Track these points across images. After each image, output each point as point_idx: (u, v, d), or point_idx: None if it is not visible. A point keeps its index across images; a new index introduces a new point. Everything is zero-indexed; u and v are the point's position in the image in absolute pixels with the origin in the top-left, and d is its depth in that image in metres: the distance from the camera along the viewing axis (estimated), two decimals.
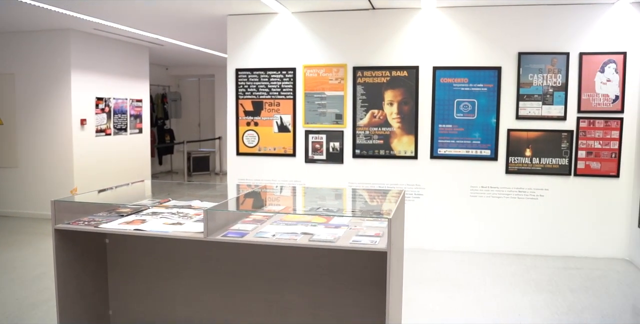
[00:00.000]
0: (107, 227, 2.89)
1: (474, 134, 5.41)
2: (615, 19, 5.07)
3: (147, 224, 2.95)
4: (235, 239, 2.67)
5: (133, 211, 3.28)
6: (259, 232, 2.78)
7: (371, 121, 5.58)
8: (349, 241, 2.60)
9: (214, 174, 11.47)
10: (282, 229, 2.84)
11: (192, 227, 2.88)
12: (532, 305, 4.03)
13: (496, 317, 3.80)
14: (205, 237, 2.67)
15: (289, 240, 2.62)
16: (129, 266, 3.30)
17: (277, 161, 5.83)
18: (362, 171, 5.66)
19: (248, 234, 2.74)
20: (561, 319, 3.76)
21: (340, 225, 2.93)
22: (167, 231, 2.81)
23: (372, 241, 2.59)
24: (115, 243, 3.29)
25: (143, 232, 2.81)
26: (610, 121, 5.16)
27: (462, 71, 5.37)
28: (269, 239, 2.65)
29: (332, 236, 2.68)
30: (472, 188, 5.48)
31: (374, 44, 5.51)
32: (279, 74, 5.70)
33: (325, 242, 2.59)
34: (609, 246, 5.27)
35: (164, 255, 3.23)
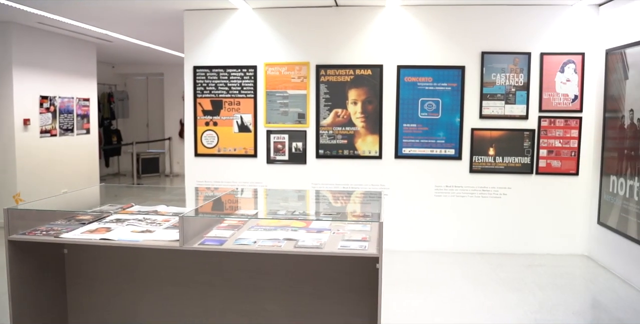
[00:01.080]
0: (70, 237, 2.64)
1: (439, 134, 5.39)
2: (574, 21, 5.16)
3: (114, 232, 2.71)
4: (214, 247, 2.49)
5: (94, 218, 3.03)
6: (238, 239, 2.60)
7: (335, 121, 5.47)
8: (336, 246, 2.47)
9: (164, 176, 11.07)
10: (262, 235, 2.68)
11: (164, 235, 2.67)
12: (505, 304, 4.01)
13: (472, 317, 3.76)
14: (182, 246, 2.47)
15: (272, 247, 2.46)
16: (89, 277, 3.04)
17: (237, 162, 5.62)
18: (326, 172, 5.53)
19: (227, 242, 2.56)
20: (536, 318, 3.75)
21: (322, 229, 2.80)
22: (137, 239, 2.60)
23: (361, 246, 2.47)
24: (74, 253, 3.02)
25: (111, 242, 2.58)
26: (569, 120, 5.25)
27: (426, 70, 5.33)
28: (252, 246, 2.48)
29: (317, 241, 2.54)
30: (437, 188, 5.46)
31: (338, 41, 5.40)
32: (239, 72, 5.50)
33: (312, 248, 2.44)
34: (570, 243, 5.37)
35: (129, 265, 2.99)
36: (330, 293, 2.82)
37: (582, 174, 5.29)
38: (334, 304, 2.82)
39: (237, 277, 2.87)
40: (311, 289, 2.83)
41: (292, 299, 2.85)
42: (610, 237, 4.84)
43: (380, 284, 2.33)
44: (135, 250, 2.83)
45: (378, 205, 2.88)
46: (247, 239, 2.58)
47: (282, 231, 2.73)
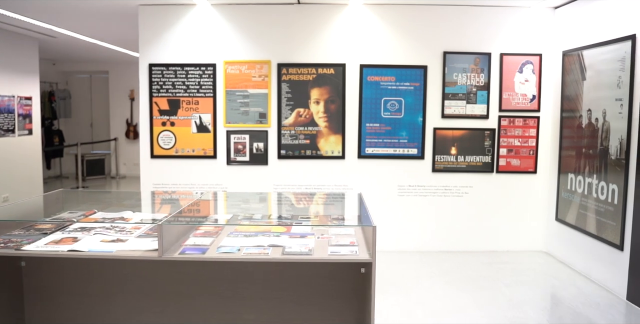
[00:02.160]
0: (33, 250, 2.41)
1: (401, 133, 5.38)
2: (531, 22, 5.26)
3: (82, 242, 2.50)
4: (197, 256, 2.33)
5: (56, 227, 2.80)
6: (219, 247, 2.46)
7: (297, 120, 5.36)
8: (325, 252, 2.37)
9: (110, 178, 10.62)
10: (244, 241, 2.54)
11: (139, 244, 2.49)
12: (475, 302, 4.03)
13: (446, 317, 3.75)
14: (161, 256, 2.30)
15: (260, 255, 2.33)
16: (51, 291, 2.80)
17: (196, 164, 5.41)
18: (288, 173, 5.42)
19: (209, 250, 2.41)
20: (506, 315, 3.78)
21: (305, 234, 2.69)
22: (110, 250, 2.40)
23: (351, 251, 2.38)
24: (32, 265, 2.78)
25: (81, 253, 2.37)
26: (528, 120, 5.35)
27: (389, 69, 5.31)
28: (237, 254, 2.34)
29: (304, 247, 2.43)
30: (400, 187, 5.45)
31: (300, 40, 5.29)
32: (197, 70, 5.29)
33: (301, 255, 2.33)
34: (529, 240, 5.49)
35: (95, 276, 2.78)
36: (313, 299, 2.72)
37: (540, 172, 5.41)
38: (317, 311, 2.72)
39: (214, 286, 2.72)
40: (293, 297, 2.72)
41: (273, 308, 2.73)
42: (569, 233, 4.97)
43: (373, 290, 2.25)
44: (102, 260, 2.63)
45: (360, 207, 2.79)
46: (229, 247, 2.44)
47: (264, 237, 2.61)
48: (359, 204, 2.93)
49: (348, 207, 2.79)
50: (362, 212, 2.66)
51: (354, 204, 3.02)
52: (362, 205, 2.80)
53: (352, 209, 3.22)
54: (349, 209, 3.22)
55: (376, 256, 2.29)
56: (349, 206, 2.89)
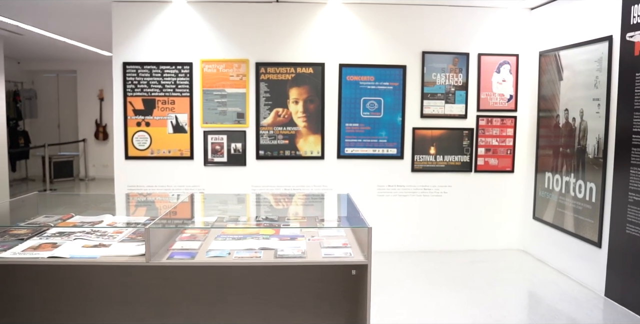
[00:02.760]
0: (9, 257, 2.29)
1: (381, 133, 5.36)
2: (508, 23, 5.31)
3: (62, 248, 2.39)
4: (186, 261, 2.24)
5: (32, 232, 2.67)
6: (209, 250, 2.38)
7: (275, 120, 5.29)
8: (319, 254, 2.32)
9: (79, 180, 10.33)
10: (234, 245, 2.47)
11: (123, 249, 2.39)
12: (459, 302, 4.03)
13: (431, 317, 3.73)
14: (148, 262, 2.21)
15: (252, 258, 2.26)
16: (27, 299, 2.67)
17: (172, 165, 5.28)
18: (267, 173, 5.34)
19: (198, 254, 2.32)
20: (492, 314, 3.79)
21: (295, 236, 2.63)
22: (94, 256, 2.30)
23: (345, 253, 2.33)
24: (7, 273, 2.64)
25: (63, 260, 2.26)
26: (505, 119, 5.40)
27: (368, 69, 5.28)
28: (228, 258, 2.27)
29: (297, 250, 2.38)
30: (379, 187, 5.43)
31: (278, 39, 5.22)
32: (173, 69, 5.17)
33: (295, 258, 2.27)
34: (507, 238, 5.54)
35: (76, 283, 2.66)
36: (303, 302, 2.66)
37: (517, 171, 5.46)
38: (307, 314, 2.66)
39: (200, 291, 2.63)
40: (282, 300, 2.65)
41: (261, 312, 2.66)
42: (546, 231, 5.03)
43: (369, 292, 2.20)
44: (82, 267, 2.51)
45: (348, 208, 2.75)
46: (219, 251, 2.36)
47: (253, 240, 2.54)
48: (347, 205, 2.88)
49: (334, 208, 2.75)
50: (353, 213, 2.62)
51: (341, 205, 2.98)
52: (353, 206, 2.76)
53: (339, 210, 3.17)
54: (336, 210, 3.18)
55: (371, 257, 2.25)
56: (335, 207, 2.84)
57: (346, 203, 3.06)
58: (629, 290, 3.86)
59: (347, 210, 2.97)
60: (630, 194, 3.85)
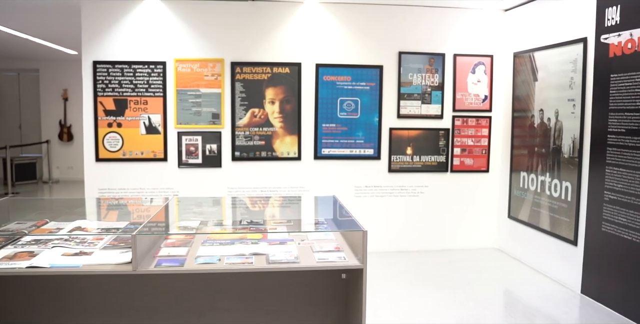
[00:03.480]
0: None
1: (358, 133, 5.34)
2: (483, 24, 5.36)
3: (41, 257, 2.27)
4: (175, 269, 2.16)
5: (5, 240, 2.53)
6: (197, 257, 2.30)
7: (251, 121, 5.20)
8: (312, 259, 2.27)
9: (42, 183, 9.99)
10: (223, 250, 2.39)
11: (107, 257, 2.28)
12: (441, 302, 4.04)
13: (414, 318, 3.72)
14: (135, 270, 2.11)
15: (243, 264, 2.19)
16: (2, 312, 2.53)
17: (145, 167, 5.14)
18: (243, 175, 5.25)
19: (187, 261, 2.24)
20: (473, 314, 3.81)
21: (284, 240, 2.57)
22: (76, 265, 2.19)
23: (339, 257, 2.29)
24: None
25: (43, 270, 2.14)
26: (480, 120, 5.45)
27: (345, 69, 5.25)
28: (219, 265, 2.19)
29: (289, 255, 2.32)
30: (357, 188, 5.41)
31: (254, 38, 5.13)
32: (146, 68, 5.03)
33: (288, 263, 2.21)
34: (482, 237, 5.59)
35: (50, 293, 2.53)
36: (292, 307, 2.60)
37: (492, 171, 5.52)
38: (296, 319, 2.60)
39: (187, 298, 2.55)
40: (271, 306, 2.59)
41: (250, 318, 2.59)
42: (521, 230, 5.10)
43: (364, 296, 2.16)
44: (63, 277, 2.39)
45: (337, 210, 2.70)
46: (208, 257, 2.28)
47: (242, 245, 2.46)
48: (334, 207, 2.84)
49: (320, 211, 2.70)
50: (342, 215, 2.57)
51: (327, 207, 2.93)
52: (342, 208, 2.72)
53: (325, 212, 3.12)
54: (322, 212, 3.13)
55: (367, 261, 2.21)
56: (321, 209, 2.79)
57: (332, 205, 3.01)
58: (605, 287, 3.94)
59: (334, 212, 2.92)
60: (606, 193, 3.92)
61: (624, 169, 3.75)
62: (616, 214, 3.82)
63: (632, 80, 3.65)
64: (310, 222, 2.94)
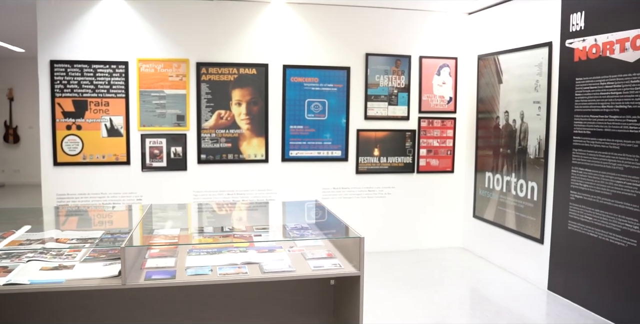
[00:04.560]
0: None
1: (325, 135, 5.31)
2: (448, 27, 5.44)
3: (17, 273, 2.13)
4: (167, 281, 2.06)
5: None
6: (188, 268, 2.21)
7: (218, 123, 5.09)
8: (307, 267, 2.22)
9: None
10: (212, 260, 2.31)
11: (90, 271, 2.16)
12: (418, 303, 4.07)
13: (391, 319, 3.73)
14: (125, 284, 2.01)
15: (238, 275, 2.12)
16: None
17: (107, 171, 4.94)
18: (209, 178, 5.13)
19: (177, 273, 2.15)
20: (449, 314, 3.86)
21: (273, 248, 2.51)
22: (59, 280, 2.06)
23: (334, 265, 2.25)
24: None
25: (23, 287, 2.00)
26: (445, 121, 5.53)
27: (312, 70, 5.22)
28: (213, 276, 2.11)
29: (283, 263, 2.26)
30: (324, 190, 5.39)
31: (220, 38, 5.02)
32: (107, 68, 4.83)
33: (283, 272, 2.16)
34: (448, 237, 5.68)
35: (29, 311, 2.38)
36: (279, 315, 2.55)
37: (457, 171, 5.62)
38: None
39: (175, 311, 2.45)
40: (258, 315, 2.52)
41: None
42: (487, 229, 5.21)
43: (361, 302, 2.14)
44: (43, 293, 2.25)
45: (320, 215, 2.67)
46: (198, 267, 2.20)
47: (231, 254, 2.39)
48: (316, 211, 2.80)
49: (303, 216, 2.65)
50: (330, 220, 2.54)
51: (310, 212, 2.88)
52: (329, 214, 2.68)
53: (306, 217, 3.08)
54: (303, 217, 3.08)
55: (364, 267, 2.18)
56: (304, 214, 2.74)
57: (314, 210, 2.97)
58: (571, 283, 4.07)
59: (317, 217, 2.88)
60: (572, 193, 4.05)
61: (589, 169, 3.88)
62: (582, 213, 3.95)
63: (597, 84, 3.78)
64: (294, 228, 2.88)
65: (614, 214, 3.66)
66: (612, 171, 3.67)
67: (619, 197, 3.61)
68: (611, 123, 3.68)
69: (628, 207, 3.54)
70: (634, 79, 3.48)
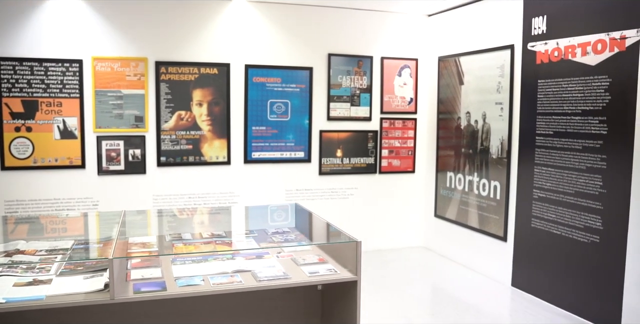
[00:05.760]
0: None
1: (288, 136, 5.25)
2: (408, 28, 5.49)
3: None
4: (158, 294, 1.95)
5: None
6: (177, 278, 2.10)
7: (178, 124, 4.93)
8: (302, 273, 2.16)
9: None
10: (200, 269, 2.22)
11: (71, 285, 2.02)
12: (384, 303, 4.07)
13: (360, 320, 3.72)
14: (113, 299, 1.88)
15: (232, 284, 2.04)
16: None
17: (60, 175, 4.68)
18: (169, 181, 4.96)
19: (167, 284, 2.04)
20: (417, 314, 3.88)
21: (261, 254, 2.43)
22: (38, 296, 1.91)
23: (329, 270, 2.20)
24: None
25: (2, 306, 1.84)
26: (406, 121, 5.59)
27: (275, 70, 5.14)
28: (206, 286, 2.02)
29: (276, 270, 2.19)
30: (287, 192, 5.32)
31: (180, 36, 4.86)
32: (59, 66, 4.57)
33: (279, 279, 2.09)
34: (410, 237, 5.74)
35: None
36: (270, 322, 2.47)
37: (417, 171, 5.68)
38: None
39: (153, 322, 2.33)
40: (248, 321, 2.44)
41: None
42: (448, 228, 5.30)
43: (359, 307, 2.10)
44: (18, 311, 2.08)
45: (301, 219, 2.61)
46: (188, 278, 2.09)
47: (219, 262, 2.29)
48: (296, 215, 2.75)
49: (278, 219, 2.59)
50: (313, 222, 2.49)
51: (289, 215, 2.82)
52: (310, 215, 2.63)
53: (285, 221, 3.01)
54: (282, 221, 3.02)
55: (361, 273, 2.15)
56: (279, 218, 2.68)
57: (289, 213, 2.91)
58: (535, 279, 4.19)
59: (296, 221, 2.82)
60: (535, 191, 4.17)
61: (552, 168, 4.00)
62: (545, 210, 4.07)
63: (560, 86, 3.91)
64: (276, 232, 2.81)
65: (577, 211, 3.79)
66: (575, 170, 3.80)
67: (581, 195, 3.75)
68: (574, 124, 3.81)
69: (591, 204, 3.68)
70: (596, 81, 3.62)
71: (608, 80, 3.53)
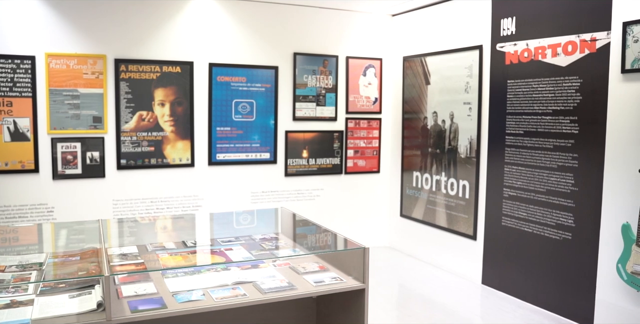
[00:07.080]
0: None
1: (254, 137, 5.12)
2: (373, 28, 5.47)
3: None
4: (160, 312, 1.80)
5: None
6: (174, 293, 1.96)
7: (139, 125, 4.70)
8: (307, 283, 2.07)
9: None
10: (197, 282, 2.08)
11: (59, 306, 1.84)
12: None
13: None
14: (110, 320, 1.72)
15: (237, 298, 1.91)
16: None
17: (11, 180, 4.36)
18: (130, 185, 4.73)
19: (166, 300, 1.89)
20: (387, 315, 3.86)
21: (256, 263, 2.32)
22: (23, 320, 1.72)
23: (334, 279, 2.11)
24: None
25: None
26: (371, 121, 5.57)
27: (239, 69, 4.99)
28: (209, 301, 1.89)
29: (279, 280, 2.08)
30: (253, 194, 5.19)
31: (141, 33, 4.63)
32: (9, 63, 4.25)
33: (284, 290, 1.99)
34: (376, 236, 5.73)
35: None
36: None
37: (382, 171, 5.68)
38: None
39: None
40: None
41: None
42: (415, 228, 5.32)
43: (366, 316, 2.03)
44: None
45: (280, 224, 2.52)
46: (187, 293, 1.95)
47: (214, 273, 2.16)
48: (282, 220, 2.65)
49: (262, 225, 2.49)
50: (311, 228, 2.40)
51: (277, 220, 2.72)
52: (297, 220, 2.54)
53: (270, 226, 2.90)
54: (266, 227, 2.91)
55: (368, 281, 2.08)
56: (263, 224, 2.58)
57: (279, 217, 2.81)
58: (505, 276, 4.26)
59: (281, 226, 2.72)
60: (505, 190, 4.24)
61: (522, 167, 4.07)
62: (516, 209, 4.14)
63: (529, 86, 3.98)
64: (264, 239, 2.70)
65: (548, 209, 3.87)
66: (546, 168, 3.88)
67: (553, 193, 3.83)
68: (544, 123, 3.89)
69: (562, 202, 3.76)
70: (567, 82, 3.70)
71: (579, 80, 3.62)
